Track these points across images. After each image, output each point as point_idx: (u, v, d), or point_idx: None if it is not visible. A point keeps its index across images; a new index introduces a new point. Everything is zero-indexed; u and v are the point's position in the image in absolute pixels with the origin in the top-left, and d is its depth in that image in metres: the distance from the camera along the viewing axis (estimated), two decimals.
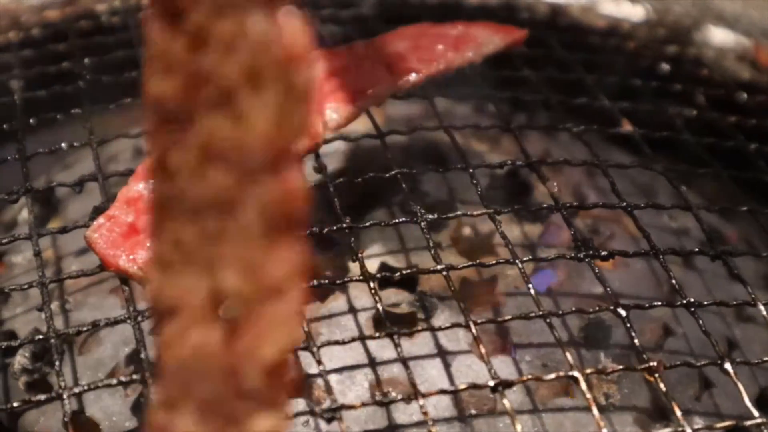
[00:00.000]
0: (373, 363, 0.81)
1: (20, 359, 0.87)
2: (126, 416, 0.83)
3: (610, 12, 1.27)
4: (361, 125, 0.94)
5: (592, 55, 1.11)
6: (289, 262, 0.43)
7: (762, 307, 0.81)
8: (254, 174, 0.42)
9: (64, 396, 0.72)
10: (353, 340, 0.76)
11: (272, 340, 0.44)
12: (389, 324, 0.76)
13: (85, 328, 0.76)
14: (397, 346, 0.74)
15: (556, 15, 1.25)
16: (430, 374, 0.82)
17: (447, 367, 0.82)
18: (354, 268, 0.86)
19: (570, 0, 1.28)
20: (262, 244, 0.43)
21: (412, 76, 0.94)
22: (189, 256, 0.43)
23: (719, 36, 1.24)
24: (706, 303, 0.80)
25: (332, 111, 0.89)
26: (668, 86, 1.09)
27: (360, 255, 0.80)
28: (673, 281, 0.81)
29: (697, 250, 0.86)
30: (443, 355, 0.82)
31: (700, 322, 0.79)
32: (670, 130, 1.00)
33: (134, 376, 0.72)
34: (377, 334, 0.77)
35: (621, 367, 0.76)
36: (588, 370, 0.74)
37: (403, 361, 0.73)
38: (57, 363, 0.74)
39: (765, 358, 0.79)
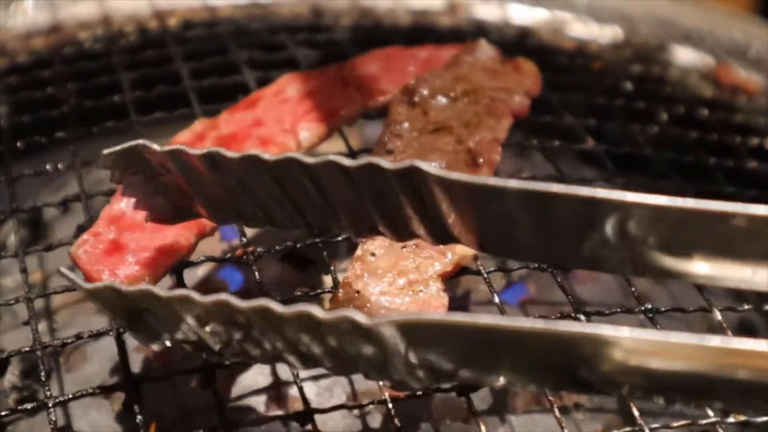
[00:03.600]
0: None
1: (9, 377, 0.90)
2: (112, 429, 0.86)
3: (578, 34, 1.31)
4: (335, 145, 0.97)
5: (558, 74, 1.14)
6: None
7: (718, 313, 0.84)
8: None
9: (50, 404, 0.74)
10: None
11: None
12: None
13: (69, 340, 0.79)
14: None
15: (524, 37, 1.29)
16: None
17: None
18: (328, 281, 0.89)
19: (539, 22, 1.32)
20: None
21: (383, 97, 0.98)
22: None
23: (684, 55, 1.28)
24: (663, 309, 0.84)
25: (305, 131, 0.93)
26: (633, 104, 1.12)
27: (332, 268, 0.83)
28: (633, 289, 0.85)
29: None
30: None
31: (657, 327, 0.82)
32: (633, 146, 1.04)
33: (117, 382, 0.76)
34: None
35: None
36: None
37: None
38: (42, 374, 0.77)
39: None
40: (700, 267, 0.65)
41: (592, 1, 1.37)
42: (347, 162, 0.67)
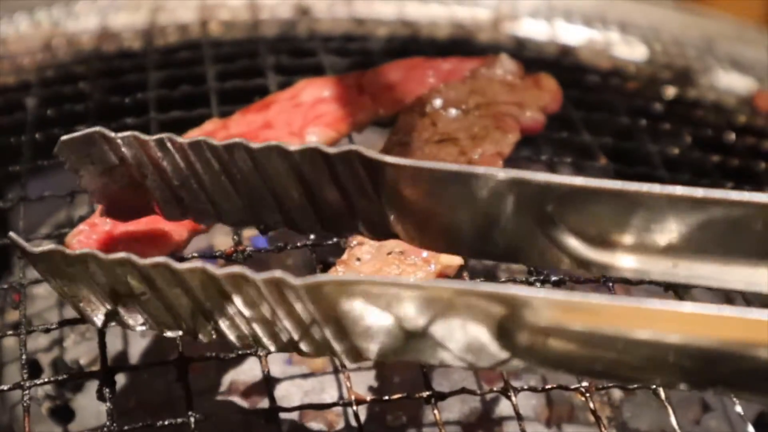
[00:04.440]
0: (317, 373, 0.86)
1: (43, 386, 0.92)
2: (96, 410, 0.88)
3: (620, 54, 1.31)
4: None
5: (586, 93, 1.14)
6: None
7: None
8: None
9: (26, 386, 0.76)
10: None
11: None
12: None
13: (53, 326, 0.81)
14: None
15: (563, 55, 1.29)
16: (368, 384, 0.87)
17: (385, 378, 0.86)
18: None
19: (583, 42, 1.32)
20: None
21: (396, 106, 0.98)
22: None
23: (726, 80, 1.27)
24: None
25: (312, 135, 0.94)
26: (657, 125, 1.11)
27: (318, 269, 0.84)
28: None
29: (648, 280, 0.87)
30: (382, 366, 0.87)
31: None
32: (648, 167, 1.03)
33: (93, 369, 0.77)
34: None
35: (553, 386, 0.79)
36: (521, 387, 0.77)
37: (339, 371, 0.77)
38: (23, 357, 0.79)
39: None
40: (627, 260, 0.65)
41: (645, 23, 1.37)
42: (290, 147, 0.67)
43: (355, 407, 0.74)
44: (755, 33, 1.46)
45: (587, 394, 0.77)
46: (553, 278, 0.85)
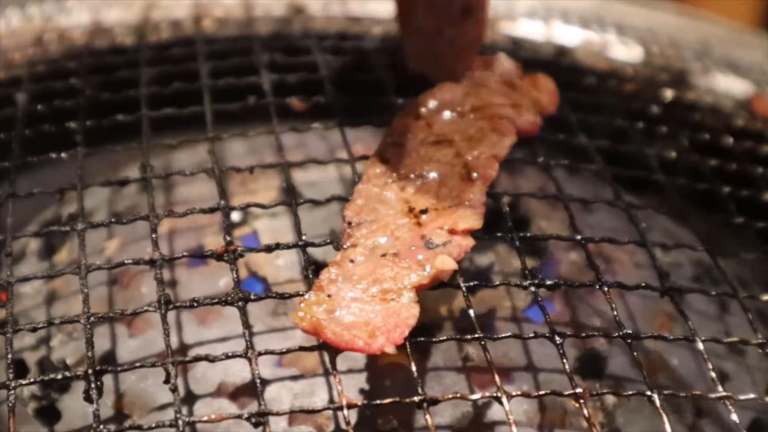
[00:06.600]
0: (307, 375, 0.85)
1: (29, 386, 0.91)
2: (82, 413, 0.87)
3: (617, 56, 1.30)
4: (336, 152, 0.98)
5: (583, 94, 1.13)
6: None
7: (700, 344, 0.82)
8: None
9: (11, 385, 0.75)
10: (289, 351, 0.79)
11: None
12: None
13: (40, 325, 0.81)
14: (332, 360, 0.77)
15: (559, 56, 1.28)
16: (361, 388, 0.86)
17: (377, 382, 0.85)
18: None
19: (580, 43, 1.31)
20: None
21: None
22: None
23: (723, 83, 1.26)
24: (642, 336, 0.83)
25: None
26: (654, 128, 1.10)
27: (308, 272, 0.82)
28: (615, 313, 0.83)
29: (643, 284, 0.87)
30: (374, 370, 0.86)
31: (635, 354, 0.81)
32: (645, 170, 1.02)
33: (79, 372, 0.76)
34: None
35: (546, 391, 0.78)
36: (514, 393, 0.76)
37: (330, 374, 0.76)
38: (9, 357, 0.78)
39: (696, 392, 0.81)
40: None
41: (642, 25, 1.37)
42: None
43: (345, 411, 0.73)
44: (752, 36, 1.46)
45: (581, 400, 0.76)
46: (548, 282, 0.84)
